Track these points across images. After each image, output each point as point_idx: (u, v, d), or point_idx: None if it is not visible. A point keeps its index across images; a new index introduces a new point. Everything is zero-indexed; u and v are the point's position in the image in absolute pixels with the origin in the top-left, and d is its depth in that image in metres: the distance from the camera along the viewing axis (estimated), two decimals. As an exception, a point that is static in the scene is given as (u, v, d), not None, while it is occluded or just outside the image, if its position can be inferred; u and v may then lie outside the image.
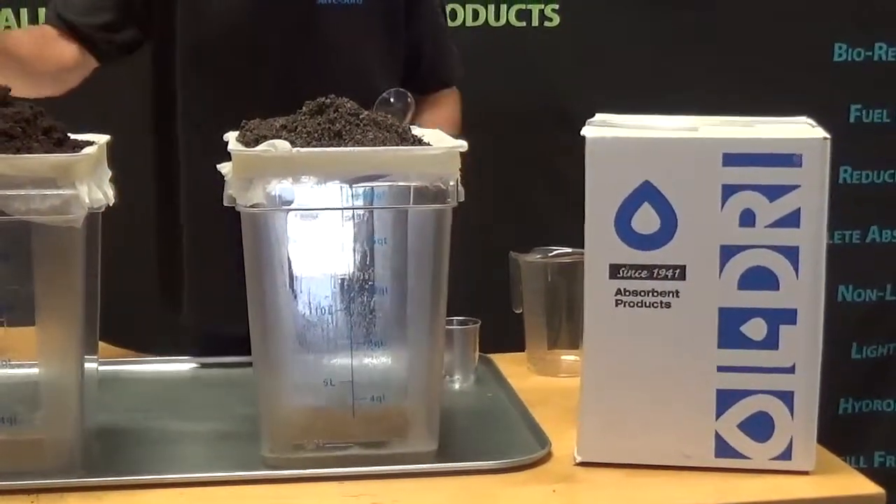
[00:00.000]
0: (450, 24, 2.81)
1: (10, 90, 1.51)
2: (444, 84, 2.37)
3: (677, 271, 1.47)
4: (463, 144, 1.48)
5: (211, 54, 2.12)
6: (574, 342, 1.90)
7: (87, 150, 1.46)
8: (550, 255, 1.94)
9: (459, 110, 2.37)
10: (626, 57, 2.86)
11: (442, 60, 2.35)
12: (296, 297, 1.51)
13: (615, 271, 1.48)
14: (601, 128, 1.50)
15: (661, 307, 1.48)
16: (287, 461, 1.51)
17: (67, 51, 2.07)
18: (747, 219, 1.44)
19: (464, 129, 1.51)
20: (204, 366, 1.97)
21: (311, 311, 1.52)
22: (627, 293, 1.48)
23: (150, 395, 1.84)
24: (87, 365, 1.53)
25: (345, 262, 1.52)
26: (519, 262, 1.94)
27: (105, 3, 2.10)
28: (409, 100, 2.00)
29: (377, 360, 1.53)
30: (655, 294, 1.48)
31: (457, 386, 1.85)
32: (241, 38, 2.12)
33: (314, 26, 2.14)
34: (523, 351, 1.97)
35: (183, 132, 2.17)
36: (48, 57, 2.02)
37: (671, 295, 1.47)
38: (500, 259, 1.97)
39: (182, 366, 1.99)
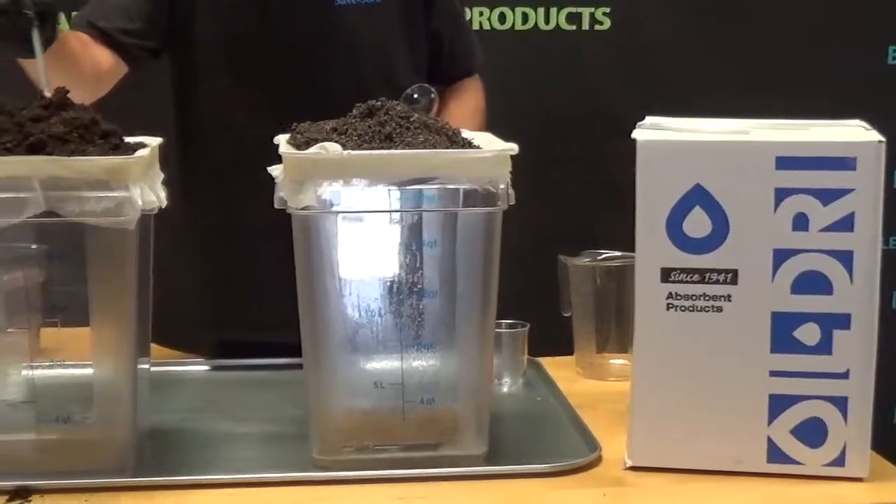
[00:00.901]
0: (499, 27, 2.82)
1: (68, 92, 1.52)
2: (467, 73, 2.37)
3: (729, 275, 1.46)
4: (514, 147, 1.48)
5: (234, 58, 2.14)
6: (623, 346, 1.90)
7: (140, 152, 1.47)
8: (599, 258, 1.94)
9: (484, 98, 2.38)
10: (676, 60, 2.85)
11: (463, 50, 2.36)
12: (346, 299, 1.51)
13: (666, 275, 1.47)
14: (652, 131, 1.50)
15: (713, 311, 1.47)
16: (337, 463, 1.52)
17: (102, 56, 2.09)
18: (801, 223, 1.43)
19: (513, 133, 1.51)
20: (253, 367, 1.98)
21: (360, 314, 1.52)
22: (679, 297, 1.47)
23: (200, 396, 1.85)
24: (139, 365, 1.54)
25: (394, 264, 1.52)
26: (568, 265, 1.94)
27: (134, 12, 2.12)
28: (432, 95, 2.00)
29: (427, 363, 1.53)
30: (707, 298, 1.47)
31: (505, 389, 1.85)
32: (263, 41, 2.14)
33: (334, 27, 2.15)
34: (572, 354, 1.97)
35: (209, 135, 2.18)
36: (87, 58, 2.04)
37: (723, 299, 1.46)
38: (549, 262, 1.97)
39: (231, 367, 2.00)
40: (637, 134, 1.47)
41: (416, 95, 1.90)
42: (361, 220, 1.50)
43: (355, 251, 1.51)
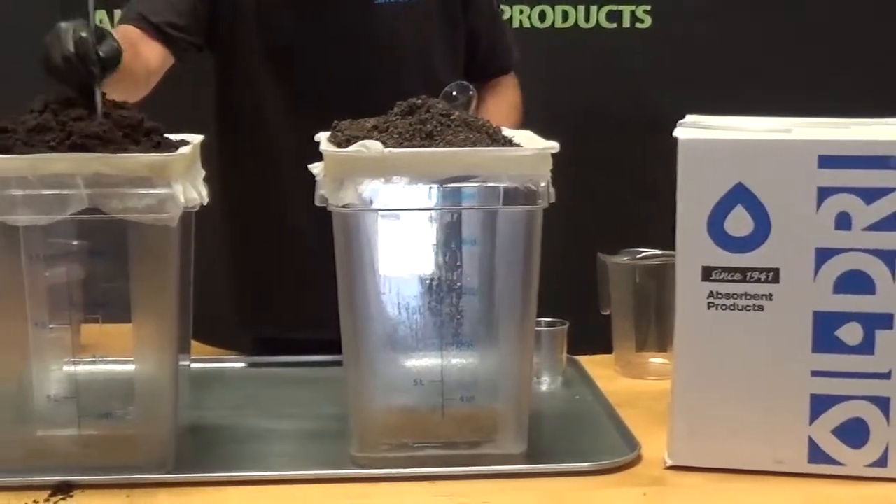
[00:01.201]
0: (539, 25, 2.81)
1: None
2: (503, 70, 2.37)
3: (771, 274, 1.45)
4: (554, 146, 1.48)
5: (275, 56, 2.15)
6: (662, 345, 1.89)
7: (182, 149, 1.48)
8: (639, 257, 1.93)
9: (520, 95, 2.38)
10: (717, 58, 2.84)
11: (499, 47, 2.36)
12: (386, 297, 1.52)
13: (707, 274, 1.47)
14: (693, 129, 1.49)
15: (754, 310, 1.46)
16: (376, 460, 1.52)
17: (153, 51, 2.10)
18: (843, 222, 1.43)
19: (553, 131, 1.51)
20: (292, 364, 1.98)
21: (400, 311, 1.52)
22: (720, 296, 1.47)
23: (239, 392, 1.85)
24: (180, 362, 1.55)
25: (434, 262, 1.52)
26: (607, 263, 1.93)
27: (181, 6, 2.13)
28: (471, 92, 2.00)
29: (466, 361, 1.53)
30: (748, 297, 1.46)
31: (544, 387, 1.85)
32: (303, 40, 2.14)
33: (374, 26, 2.16)
34: (611, 353, 1.96)
35: (250, 132, 2.19)
36: (138, 58, 2.05)
37: (764, 298, 1.46)
38: (589, 261, 1.97)
39: (270, 364, 2.00)
40: (679, 132, 1.47)
41: (455, 93, 1.90)
42: (402, 218, 1.50)
43: (395, 249, 1.51)
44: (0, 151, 1.41)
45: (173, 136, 1.53)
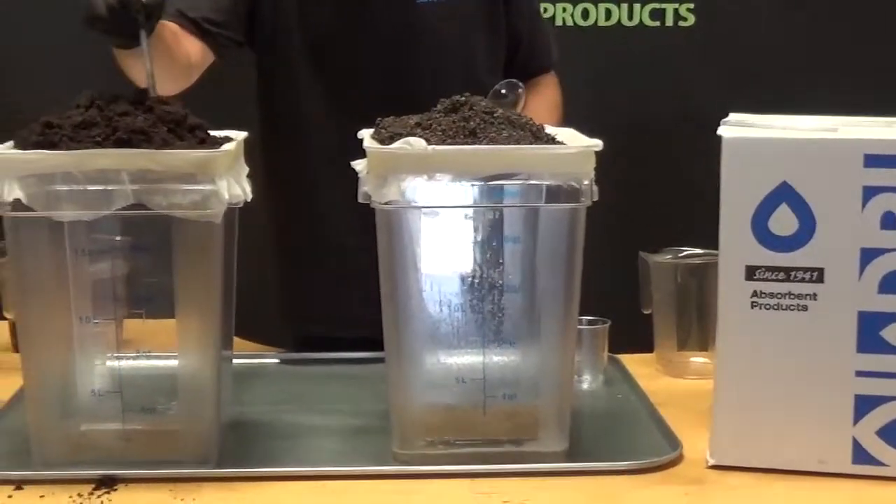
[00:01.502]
0: (582, 23, 2.81)
1: (147, 92, 1.54)
2: (543, 69, 2.37)
3: (815, 274, 1.45)
4: (598, 143, 1.47)
5: (317, 54, 2.16)
6: (704, 344, 1.89)
7: (226, 146, 1.48)
8: (681, 255, 1.93)
9: (560, 94, 2.38)
10: (761, 56, 2.83)
11: (540, 46, 2.36)
12: (428, 294, 1.52)
13: (751, 273, 1.46)
14: (738, 128, 1.49)
15: (798, 310, 1.46)
16: (418, 457, 1.52)
17: (192, 46, 2.11)
18: (889, 221, 1.42)
19: (596, 129, 1.50)
20: (333, 361, 1.98)
21: (442, 309, 1.53)
22: (763, 295, 1.46)
23: (281, 388, 1.86)
24: (222, 358, 1.56)
25: (476, 259, 1.52)
26: (649, 262, 1.93)
27: (221, 4, 2.14)
28: (519, 90, 2.00)
29: (508, 359, 1.53)
30: (792, 297, 1.45)
31: (585, 386, 1.84)
32: (345, 38, 2.15)
33: (416, 25, 2.16)
34: (652, 352, 1.96)
35: (293, 129, 2.19)
36: (180, 49, 2.06)
37: (808, 298, 1.45)
38: (630, 259, 1.96)
39: (311, 361, 2.01)
40: (723, 131, 1.46)
41: (503, 91, 1.90)
42: (444, 215, 1.50)
43: (437, 246, 1.51)
44: (46, 147, 1.42)
45: (217, 133, 1.54)
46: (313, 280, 2.24)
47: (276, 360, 2.03)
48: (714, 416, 1.51)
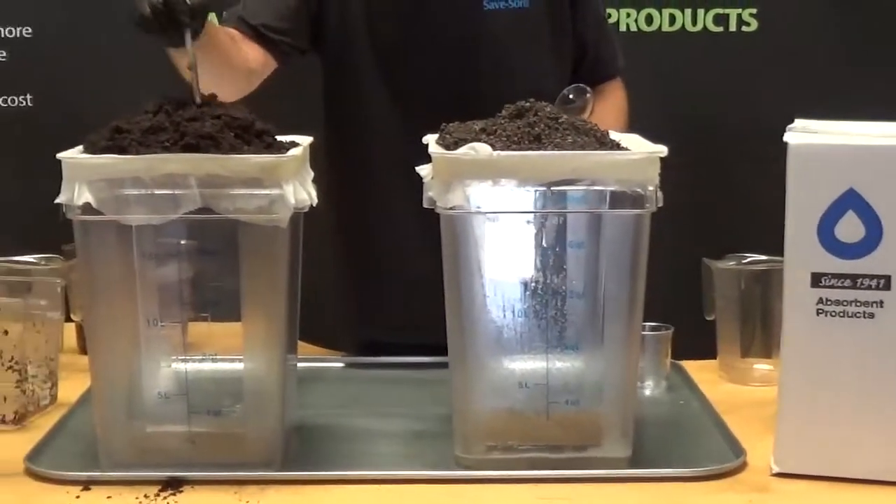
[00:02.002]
0: (646, 29, 2.80)
1: (216, 96, 1.56)
2: (609, 76, 2.36)
3: (882, 281, 1.43)
4: (663, 150, 1.47)
5: (383, 61, 2.16)
6: (767, 351, 1.88)
7: (293, 151, 1.50)
8: (745, 262, 1.92)
9: (626, 100, 2.37)
10: (826, 61, 2.81)
11: (606, 53, 2.35)
12: (491, 299, 1.52)
13: (817, 280, 1.45)
14: (804, 134, 1.47)
15: (864, 317, 1.45)
16: (480, 462, 1.53)
17: (252, 52, 2.12)
18: (956, 229, 1.41)
19: (659, 135, 1.50)
20: (395, 366, 1.99)
21: (506, 314, 1.53)
22: (829, 302, 1.45)
23: (344, 392, 1.87)
24: (287, 361, 1.57)
25: (540, 265, 1.52)
26: (712, 268, 1.92)
27: (283, 9, 2.15)
28: (587, 95, 1.99)
29: (572, 364, 1.53)
30: (858, 304, 1.45)
31: (648, 392, 1.84)
32: (412, 45, 2.15)
33: (483, 31, 2.16)
34: (715, 358, 1.95)
35: (357, 134, 2.20)
36: (239, 54, 2.07)
37: (875, 305, 1.44)
38: (693, 265, 1.96)
39: (373, 365, 2.02)
40: (789, 137, 1.46)
41: (571, 96, 1.89)
42: (509, 221, 1.50)
43: (502, 251, 1.51)
44: (115, 152, 1.44)
45: (283, 138, 1.55)
46: (377, 285, 2.25)
47: (340, 364, 2.04)
48: (778, 423, 1.51)
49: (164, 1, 1.55)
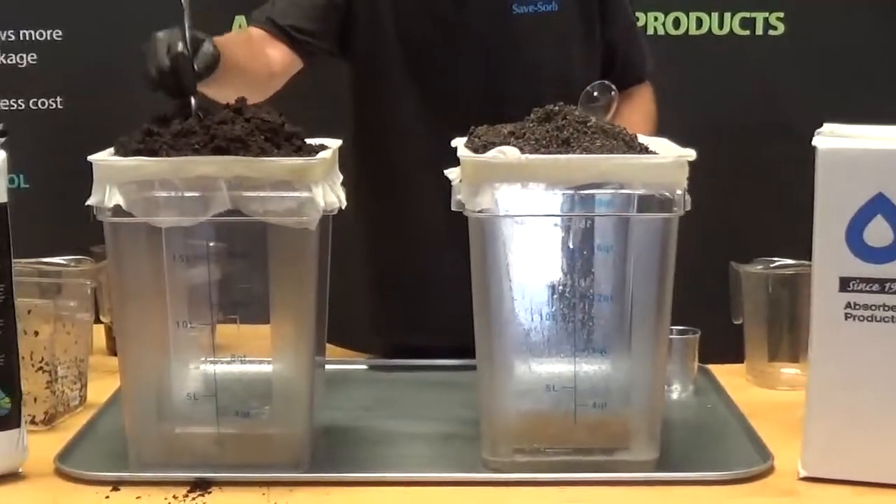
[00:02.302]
0: (673, 32, 2.80)
1: (245, 100, 1.56)
2: (638, 80, 2.36)
3: (911, 286, 1.44)
4: (691, 153, 1.47)
5: (412, 65, 2.16)
6: (795, 355, 1.87)
7: (322, 154, 1.50)
8: (772, 266, 1.92)
9: (654, 104, 2.37)
10: (854, 65, 2.80)
11: (635, 57, 2.35)
12: (519, 302, 1.52)
13: (845, 284, 1.45)
14: (833, 138, 1.47)
15: (893, 322, 1.44)
16: (507, 464, 1.53)
17: (277, 54, 2.13)
18: None
19: (686, 139, 1.50)
20: (422, 368, 1.99)
21: (533, 317, 1.53)
22: (857, 307, 1.45)
23: (371, 394, 1.87)
24: (315, 364, 1.57)
25: (568, 268, 1.52)
26: (740, 272, 1.92)
27: (311, 11, 2.16)
28: (612, 93, 1.99)
29: (599, 367, 1.54)
30: (886, 308, 1.44)
31: (675, 395, 1.84)
32: (441, 49, 2.15)
33: (512, 35, 2.16)
34: (742, 362, 1.95)
35: (385, 137, 2.21)
36: (258, 60, 2.08)
37: (904, 310, 1.44)
38: (721, 269, 1.96)
39: (400, 367, 2.02)
40: (817, 141, 1.45)
41: (595, 93, 1.89)
42: (537, 224, 1.51)
43: (530, 254, 1.52)
44: (146, 154, 1.44)
45: (312, 141, 1.56)
46: (404, 288, 2.25)
47: (366, 367, 2.04)
48: (806, 427, 1.50)
49: (172, 67, 1.57)
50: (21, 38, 3.05)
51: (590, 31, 2.22)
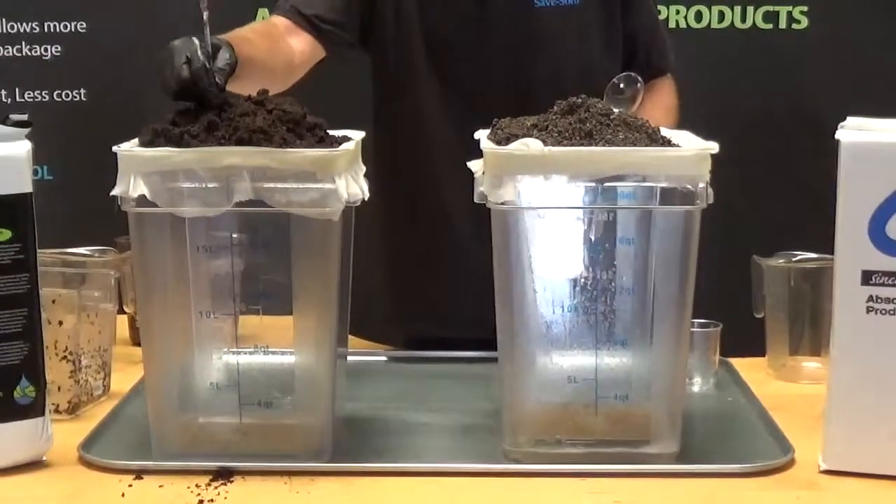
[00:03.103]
0: (695, 26, 2.80)
1: (268, 92, 1.57)
2: (660, 73, 2.36)
3: (933, 279, 1.43)
4: (714, 146, 1.47)
5: (435, 58, 2.17)
6: (816, 349, 1.87)
7: (345, 145, 1.50)
8: (794, 259, 1.91)
9: (676, 97, 2.37)
10: (877, 59, 2.80)
11: (657, 50, 2.35)
12: (541, 294, 1.53)
13: (867, 278, 1.45)
14: (856, 132, 1.47)
15: (915, 316, 1.44)
16: (528, 456, 1.53)
17: (299, 44, 2.13)
18: None
19: (709, 132, 1.50)
20: (443, 360, 2.00)
21: (555, 310, 1.53)
22: (879, 300, 1.45)
23: (392, 386, 1.88)
24: (338, 354, 1.58)
25: (590, 261, 1.52)
26: (762, 266, 1.92)
27: (337, 4, 2.16)
28: (638, 85, 1.98)
29: (621, 360, 1.54)
30: (909, 302, 1.44)
31: (696, 389, 1.84)
32: (463, 42, 2.16)
33: (534, 28, 2.16)
34: (763, 356, 1.95)
35: (408, 130, 2.21)
36: (278, 52, 2.08)
37: (926, 303, 1.44)
38: (742, 262, 1.95)
39: (422, 359, 2.03)
40: (841, 135, 1.45)
41: (622, 85, 1.89)
42: (559, 216, 1.51)
43: (552, 246, 1.52)
44: (170, 145, 1.45)
45: (335, 132, 1.56)
46: (426, 279, 2.26)
47: (388, 358, 2.05)
48: (827, 421, 1.50)
49: (193, 80, 1.56)
50: (45, 30, 3.07)
51: (611, 23, 2.22)
